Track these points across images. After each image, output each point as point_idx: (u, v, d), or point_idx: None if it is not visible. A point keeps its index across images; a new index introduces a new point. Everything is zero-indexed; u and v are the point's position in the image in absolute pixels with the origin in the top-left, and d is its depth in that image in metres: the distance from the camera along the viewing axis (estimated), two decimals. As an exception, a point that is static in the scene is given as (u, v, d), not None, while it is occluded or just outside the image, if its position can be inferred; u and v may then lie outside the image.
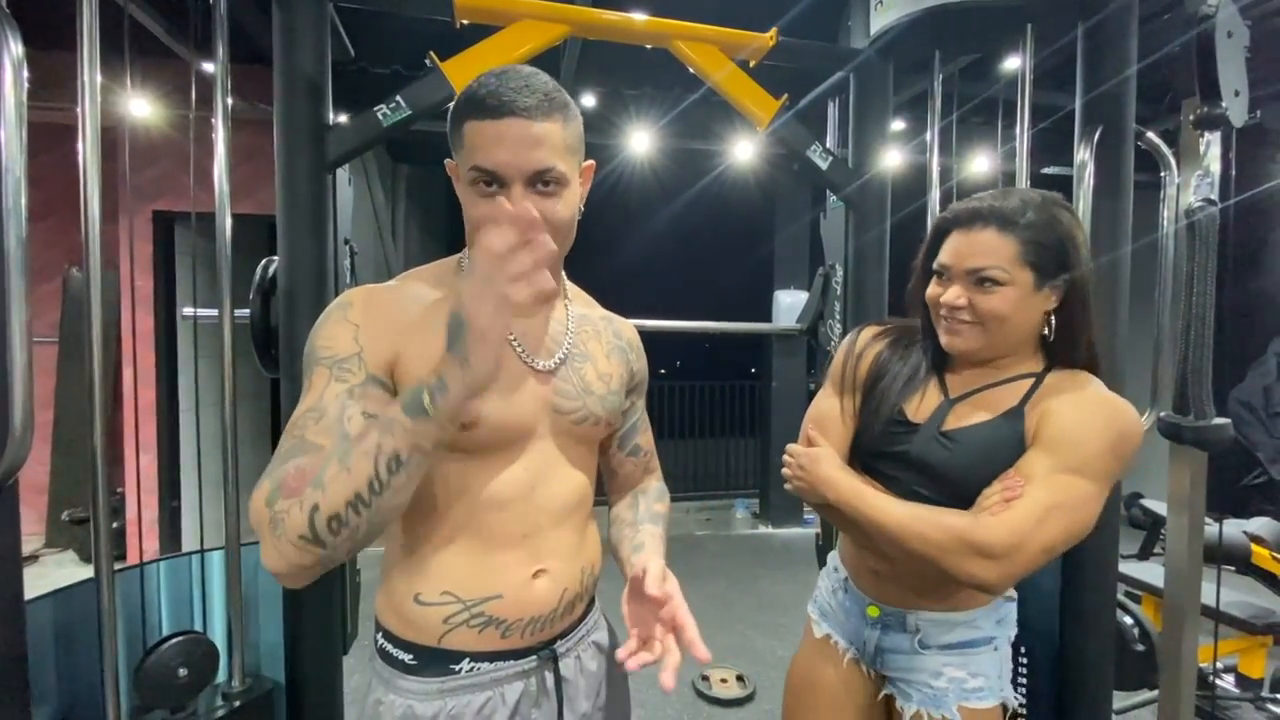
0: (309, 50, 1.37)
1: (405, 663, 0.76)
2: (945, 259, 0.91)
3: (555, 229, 0.72)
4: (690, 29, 1.53)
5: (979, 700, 0.94)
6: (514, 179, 0.70)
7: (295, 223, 1.37)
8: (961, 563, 0.81)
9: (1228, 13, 1.14)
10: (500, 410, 0.74)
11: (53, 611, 1.18)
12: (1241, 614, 2.36)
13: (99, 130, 1.10)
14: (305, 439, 0.65)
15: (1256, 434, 4.98)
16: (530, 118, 0.69)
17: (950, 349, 0.93)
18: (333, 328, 0.72)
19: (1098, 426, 0.83)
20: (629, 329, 0.93)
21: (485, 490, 0.75)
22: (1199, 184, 1.16)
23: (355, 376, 0.70)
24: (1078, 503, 0.81)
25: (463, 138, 0.72)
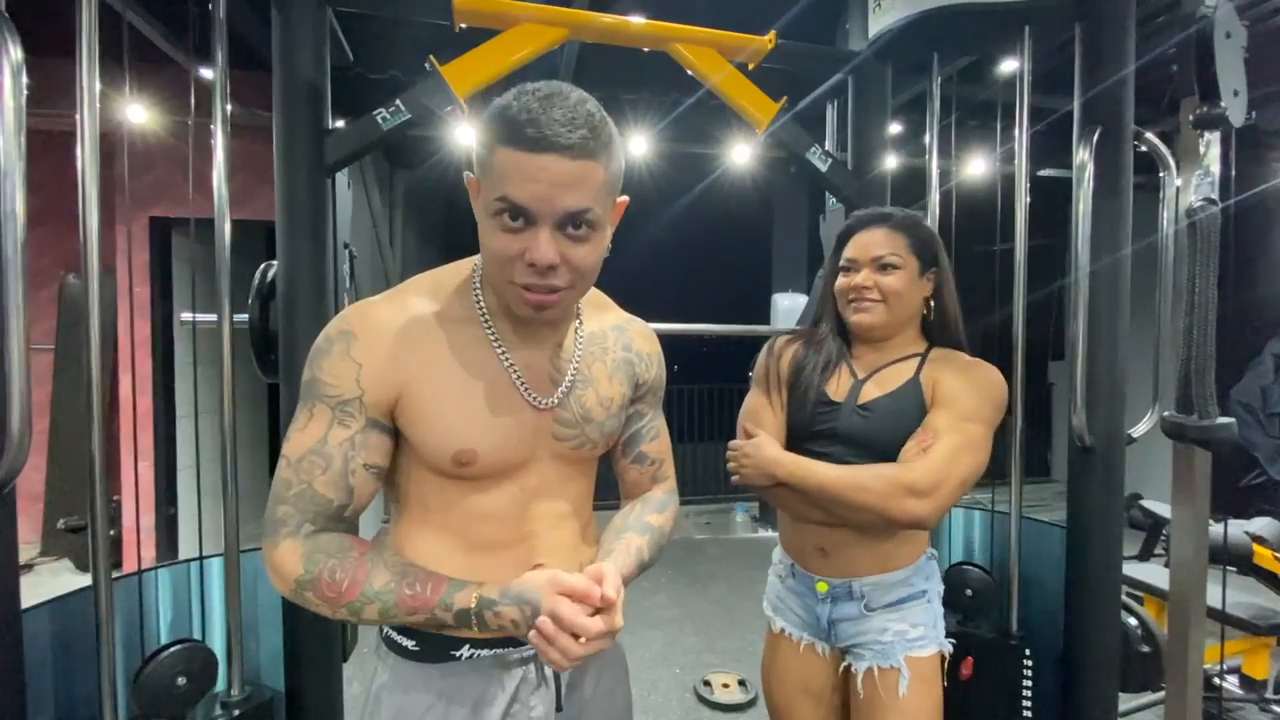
0: (308, 55, 1.37)
1: (408, 649, 0.78)
2: (852, 253, 1.14)
3: (578, 274, 0.70)
4: (689, 32, 1.53)
5: (920, 649, 1.10)
6: (545, 219, 0.65)
7: (294, 227, 1.36)
8: (899, 504, 0.98)
9: (1225, 12, 1.15)
10: (496, 446, 0.75)
11: (49, 620, 1.17)
12: (1245, 615, 2.35)
13: (98, 136, 1.10)
14: (314, 488, 0.72)
15: (1254, 434, 4.99)
16: (572, 156, 0.64)
17: (859, 325, 1.13)
18: (336, 363, 0.72)
19: (977, 384, 1.07)
20: (642, 338, 0.90)
21: (480, 507, 0.77)
22: (1199, 183, 1.17)
23: (357, 422, 0.73)
24: (976, 442, 1.03)
25: (493, 163, 0.66)
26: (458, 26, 1.47)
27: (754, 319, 5.13)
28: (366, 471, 0.74)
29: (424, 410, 0.73)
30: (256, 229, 3.30)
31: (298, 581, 0.70)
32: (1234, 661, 2.49)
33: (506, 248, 0.67)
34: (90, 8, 1.07)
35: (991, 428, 1.06)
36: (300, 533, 0.72)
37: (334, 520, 0.74)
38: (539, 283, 0.68)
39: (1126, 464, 1.46)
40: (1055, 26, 1.56)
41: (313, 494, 0.72)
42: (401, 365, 0.73)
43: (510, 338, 0.78)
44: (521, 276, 0.68)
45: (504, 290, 0.72)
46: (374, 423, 0.73)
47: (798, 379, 1.16)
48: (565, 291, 0.70)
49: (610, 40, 1.54)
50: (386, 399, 0.73)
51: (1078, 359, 1.44)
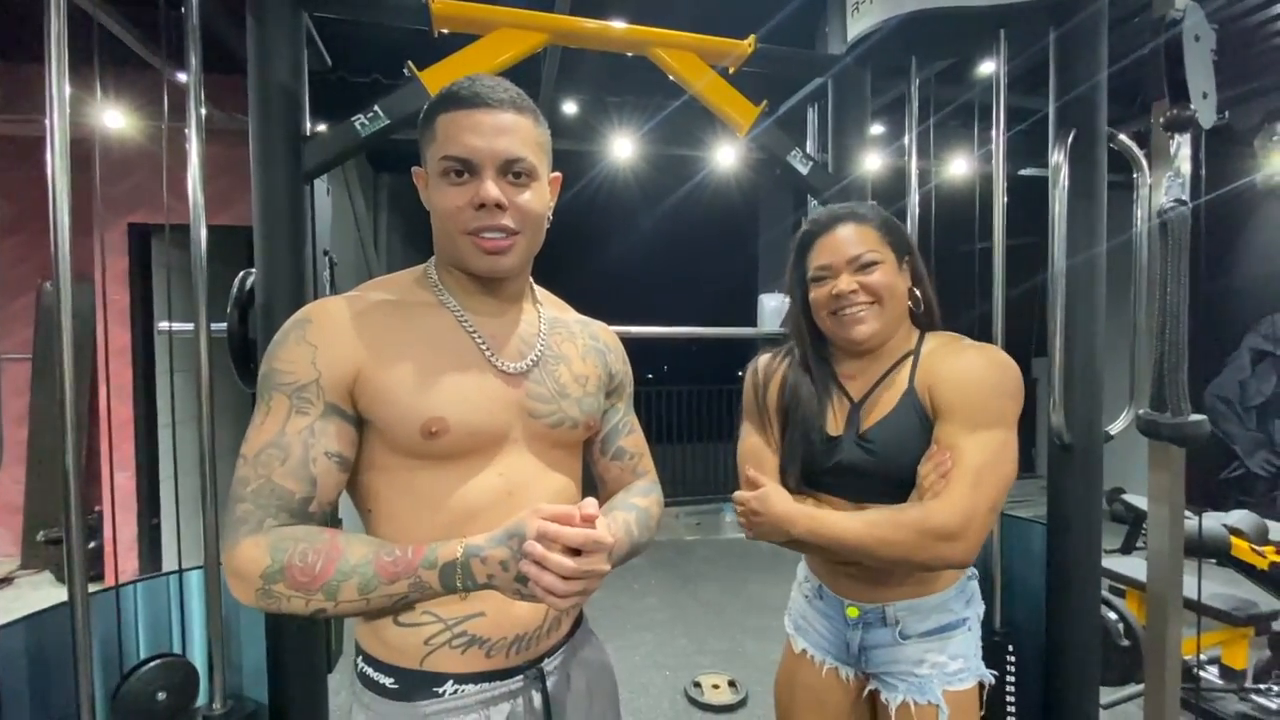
0: (285, 61, 1.36)
1: (386, 687, 0.74)
2: (824, 259, 1.01)
3: (525, 219, 0.75)
4: (669, 36, 1.54)
5: (960, 682, 1.00)
6: (485, 165, 0.72)
7: (273, 234, 1.35)
8: (931, 552, 0.88)
9: (1195, 17, 1.17)
10: (466, 415, 0.73)
11: (25, 637, 1.15)
12: (1224, 606, 2.39)
13: (68, 142, 1.08)
14: (273, 481, 0.68)
15: (1233, 427, 5.08)
16: (501, 109, 0.73)
17: (856, 338, 1.00)
18: (291, 349, 0.72)
19: (986, 380, 0.94)
20: (606, 332, 0.94)
21: (460, 500, 0.73)
22: (1170, 184, 1.19)
23: (315, 408, 0.70)
24: (999, 454, 0.91)
25: (434, 132, 0.74)
26: (436, 32, 1.47)
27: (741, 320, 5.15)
28: (329, 459, 0.70)
29: (386, 384, 0.71)
30: (238, 234, 3.27)
31: (264, 575, 0.64)
32: (1213, 652, 2.53)
33: (455, 198, 0.73)
34: (59, 11, 1.06)
35: (1012, 424, 0.93)
36: (262, 528, 0.67)
37: (299, 516, 0.69)
38: (490, 224, 0.73)
39: (1110, 459, 1.48)
40: (1030, 30, 1.58)
41: (272, 487, 0.67)
42: (359, 343, 0.72)
43: (472, 312, 0.79)
44: (471, 221, 0.73)
45: (458, 248, 0.75)
46: (333, 408, 0.71)
47: (793, 414, 1.05)
48: (516, 237, 0.75)
49: (590, 45, 1.54)
50: (344, 378, 0.71)
51: (1055, 358, 1.46)
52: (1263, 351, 4.89)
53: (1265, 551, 2.45)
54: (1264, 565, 2.43)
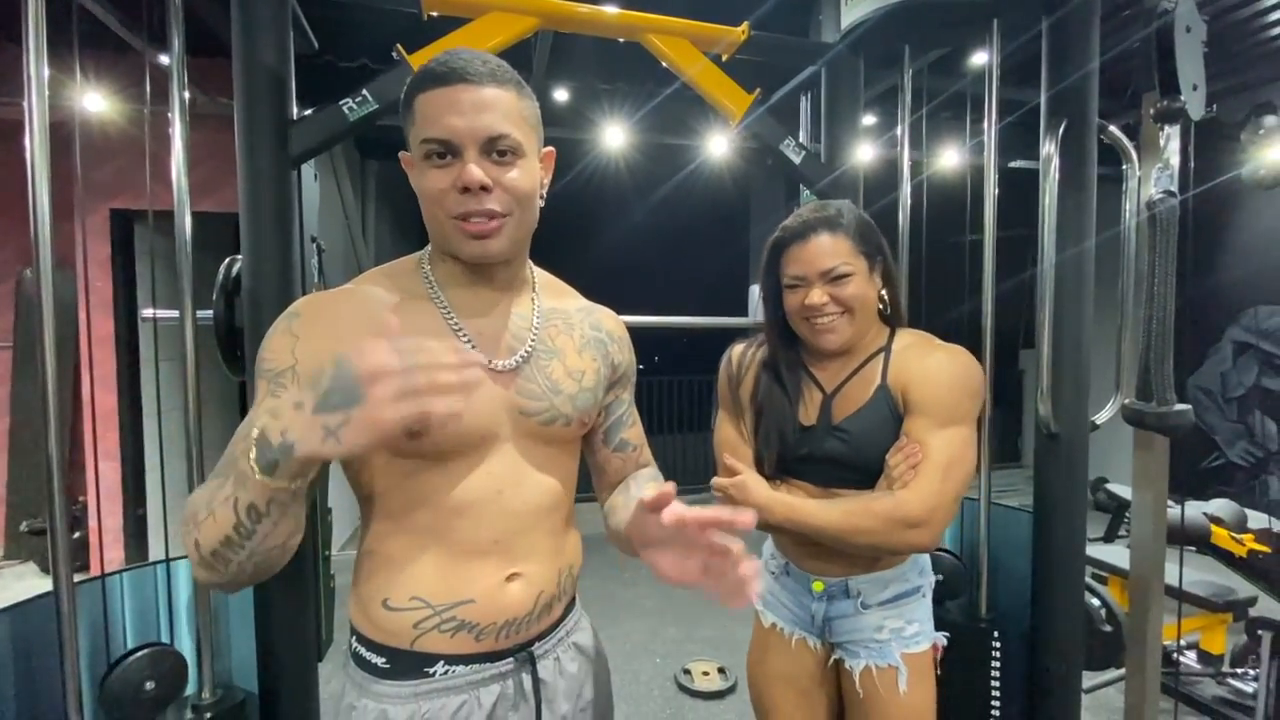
0: (270, 43, 1.32)
1: (378, 666, 0.74)
2: (798, 270, 1.05)
3: (513, 199, 0.72)
4: (662, 22, 1.52)
5: (916, 645, 1.09)
6: (466, 145, 0.69)
7: (259, 220, 1.33)
8: (900, 538, 0.96)
9: (1186, 8, 1.17)
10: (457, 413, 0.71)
11: (10, 627, 1.13)
12: (1203, 593, 2.44)
13: (47, 126, 1.06)
14: (235, 454, 0.63)
15: (1214, 419, 5.16)
16: (480, 83, 0.69)
17: (827, 347, 1.06)
18: (277, 339, 0.72)
19: (955, 380, 1.02)
20: (610, 319, 0.91)
21: (450, 497, 0.73)
22: (1159, 176, 1.19)
23: (287, 393, 0.69)
24: (963, 448, 0.99)
25: (414, 113, 0.71)
26: (427, 14, 1.44)
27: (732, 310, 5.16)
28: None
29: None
30: (221, 221, 3.22)
31: (183, 521, 0.62)
32: (1192, 637, 2.58)
33: (438, 181, 0.70)
34: None
35: (973, 421, 1.02)
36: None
37: None
38: (475, 208, 0.70)
39: (1094, 449, 1.50)
40: (1023, 20, 1.57)
41: (233, 458, 0.62)
42: (341, 337, 0.68)
43: (461, 307, 0.77)
44: (456, 205, 0.70)
45: (446, 234, 0.73)
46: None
47: (768, 405, 1.10)
48: (505, 219, 0.72)
49: (583, 30, 1.53)
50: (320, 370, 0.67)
51: (1043, 348, 1.47)
52: (1244, 344, 4.96)
53: (1244, 539, 2.49)
54: (1242, 552, 2.48)
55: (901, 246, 1.74)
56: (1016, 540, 1.65)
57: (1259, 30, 2.82)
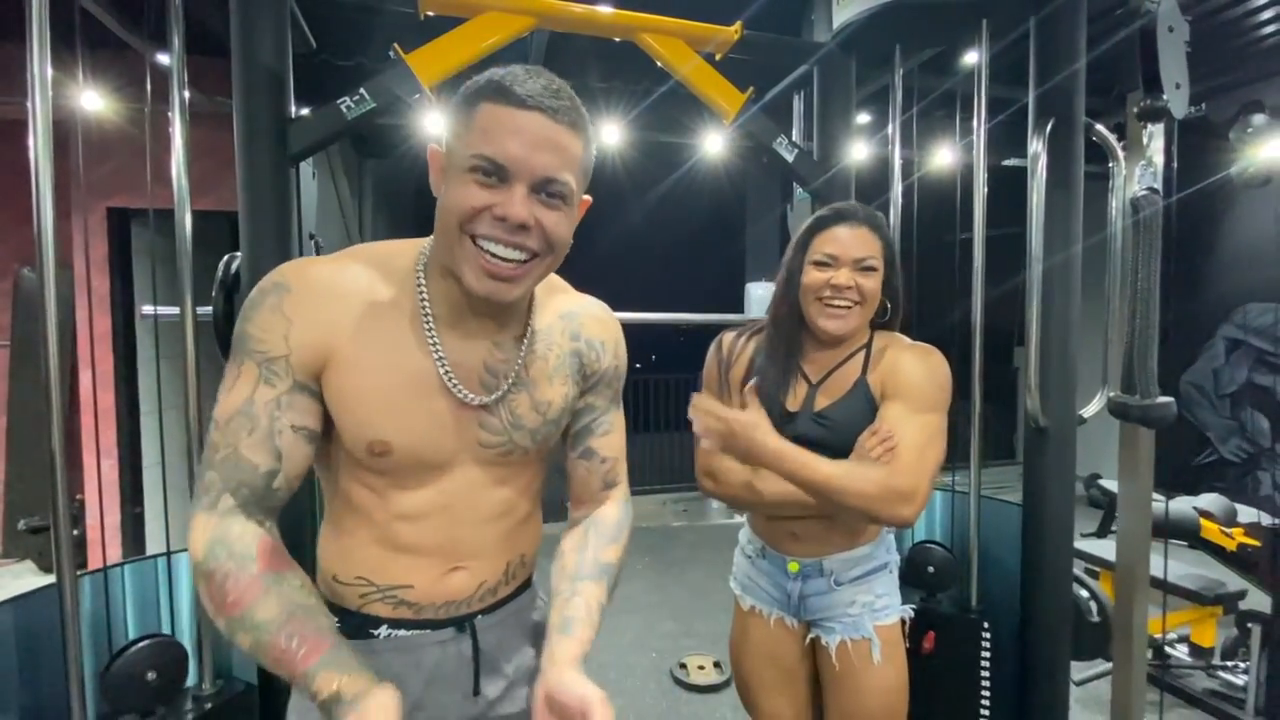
0: (269, 42, 1.34)
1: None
2: (833, 249, 1.09)
3: (549, 242, 0.69)
4: (656, 22, 1.54)
5: (886, 617, 1.16)
6: (521, 178, 0.65)
7: (258, 218, 1.35)
8: (890, 508, 1.01)
9: (1168, 7, 1.19)
10: (412, 442, 0.72)
11: (13, 619, 1.15)
12: (1193, 586, 2.47)
13: (50, 125, 1.07)
14: (240, 452, 0.67)
15: (1207, 415, 5.20)
16: (557, 120, 0.65)
17: (830, 332, 1.10)
18: (266, 316, 0.69)
19: (923, 370, 1.09)
20: (596, 323, 0.85)
21: (399, 507, 0.74)
22: (1142, 174, 1.22)
23: (283, 382, 0.68)
24: (936, 433, 1.06)
25: (473, 119, 0.65)
26: (423, 14, 1.46)
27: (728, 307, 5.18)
28: (295, 433, 0.69)
29: (345, 390, 0.70)
30: (221, 219, 3.23)
31: (196, 565, 0.66)
32: (1183, 631, 2.61)
33: (475, 199, 0.65)
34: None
35: (942, 409, 1.08)
36: (218, 508, 0.67)
37: (260, 495, 0.68)
38: (508, 239, 0.66)
39: (1088, 445, 1.52)
40: (1011, 20, 1.60)
41: (238, 458, 0.67)
42: (332, 330, 0.69)
43: (445, 330, 0.73)
44: (485, 228, 0.65)
45: (457, 257, 0.67)
46: (300, 385, 0.69)
47: (761, 389, 1.13)
48: (534, 262, 0.69)
49: (578, 29, 1.54)
50: (313, 362, 0.69)
51: (1031, 344, 1.50)
52: (1236, 340, 5.00)
53: (1233, 533, 2.52)
54: (1232, 546, 2.51)
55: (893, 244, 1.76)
56: (1007, 533, 1.68)
57: (1248, 30, 2.85)
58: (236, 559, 0.65)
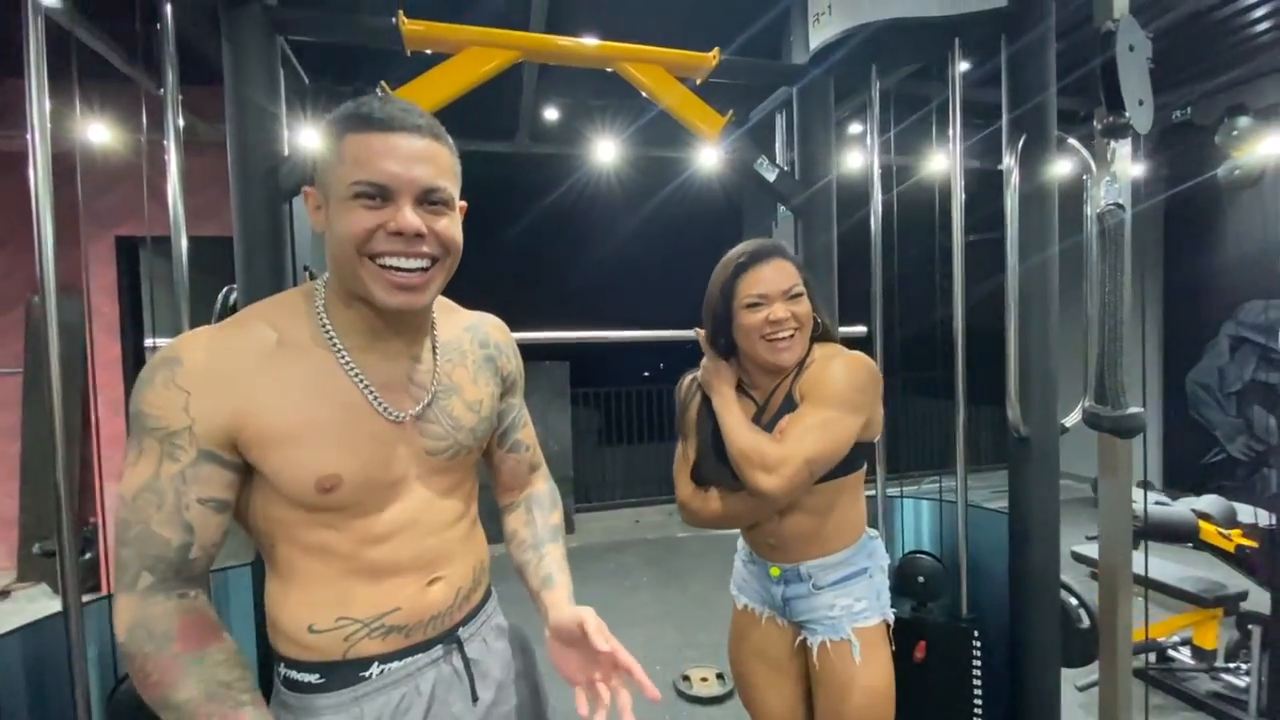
0: (261, 83, 1.40)
1: (312, 684, 0.75)
2: (762, 289, 1.16)
3: (445, 246, 0.73)
4: (636, 51, 1.59)
5: (865, 620, 1.20)
6: (404, 192, 0.69)
7: (253, 251, 1.40)
8: (753, 474, 1.09)
9: (1127, 26, 1.22)
10: (361, 468, 0.73)
11: (21, 647, 1.19)
12: (1192, 588, 2.46)
13: (49, 157, 1.13)
14: (151, 528, 0.68)
15: (1213, 413, 5.17)
16: (420, 135, 0.70)
17: (781, 364, 1.17)
18: (159, 392, 0.68)
19: (837, 373, 1.15)
20: (497, 330, 0.93)
21: (368, 531, 0.75)
22: (1107, 189, 1.24)
23: (187, 454, 0.68)
24: (826, 423, 1.11)
25: (343, 151, 0.69)
26: (409, 51, 1.51)
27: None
28: (203, 506, 0.69)
29: (274, 439, 0.70)
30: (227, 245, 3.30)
31: (121, 646, 0.69)
32: (1185, 634, 2.60)
33: (364, 221, 0.68)
34: (38, 28, 1.10)
35: (847, 408, 1.12)
36: (136, 587, 0.68)
37: (177, 567, 0.70)
38: (407, 250, 0.70)
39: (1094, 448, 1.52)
40: (983, 38, 1.63)
41: (150, 534, 0.68)
42: (238, 391, 0.69)
43: (360, 356, 0.75)
44: (382, 244, 0.69)
45: (361, 279, 0.70)
46: (208, 454, 0.69)
47: (707, 426, 1.22)
48: (435, 268, 0.73)
49: (560, 61, 1.59)
50: (222, 428, 0.69)
51: (1010, 354, 1.52)
52: (1240, 338, 4.97)
53: (1231, 535, 2.52)
54: (1230, 548, 2.51)
55: (874, 253, 1.79)
56: (995, 542, 1.70)
57: (1239, 29, 2.86)
58: (156, 640, 0.67)
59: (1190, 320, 5.30)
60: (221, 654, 0.70)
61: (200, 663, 0.68)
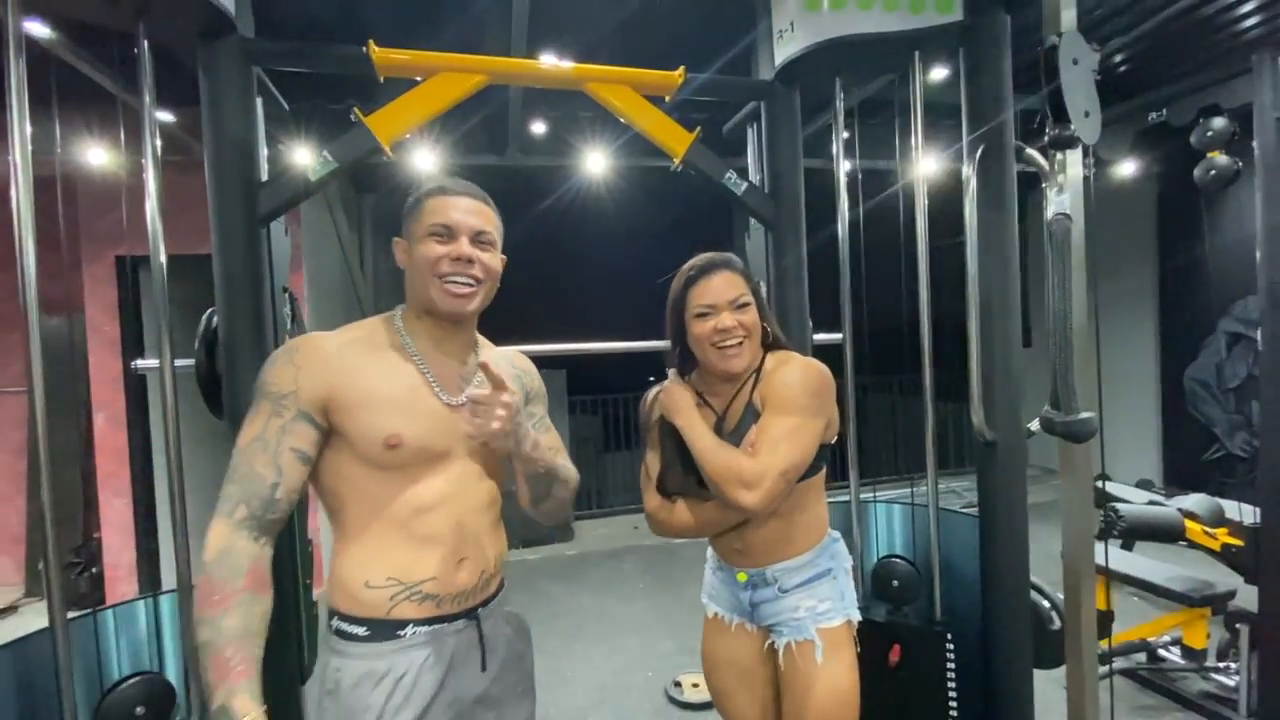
0: (237, 113, 1.44)
1: (359, 635, 0.96)
2: (709, 299, 1.22)
3: (487, 272, 1.04)
4: (601, 71, 1.62)
5: (829, 620, 1.23)
6: (462, 232, 1.01)
7: (232, 275, 1.44)
8: (733, 491, 1.12)
9: (1070, 40, 1.25)
10: (418, 434, 0.97)
11: (11, 662, 1.24)
12: (1180, 588, 2.47)
13: (31, 181, 1.19)
14: (254, 468, 0.91)
15: (1212, 410, 5.15)
16: (476, 199, 1.05)
17: (734, 370, 1.22)
18: (280, 368, 0.96)
19: (794, 379, 1.19)
20: (520, 359, 1.23)
21: (417, 499, 0.98)
22: (1056, 200, 1.27)
23: (289, 413, 0.93)
24: (793, 431, 1.15)
25: (422, 211, 1.02)
26: (382, 78, 1.56)
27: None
28: (293, 454, 0.93)
29: (355, 405, 0.95)
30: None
31: (204, 562, 0.88)
32: (1176, 633, 2.60)
33: (436, 251, 1.00)
34: (19, 55, 1.16)
35: (809, 414, 1.17)
36: (233, 516, 0.90)
37: (267, 504, 0.91)
38: (461, 272, 1.00)
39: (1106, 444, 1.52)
40: (942, 51, 1.67)
41: (252, 473, 0.91)
42: (334, 369, 0.96)
43: (425, 354, 1.03)
44: (446, 267, 1.00)
45: (430, 293, 1.00)
46: (304, 415, 0.94)
47: (671, 436, 1.27)
48: (479, 286, 1.03)
49: (528, 83, 1.64)
50: (319, 397, 0.94)
51: (972, 359, 1.55)
52: (1237, 334, 4.95)
53: (1217, 534, 2.52)
54: (1216, 547, 2.51)
55: (843, 260, 1.82)
56: (968, 545, 1.72)
57: (1224, 26, 2.87)
58: (231, 570, 0.87)
59: (1186, 317, 5.28)
60: (263, 607, 0.89)
61: (250, 605, 0.88)
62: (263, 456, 0.91)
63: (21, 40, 1.19)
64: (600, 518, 5.44)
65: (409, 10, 2.82)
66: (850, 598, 1.28)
